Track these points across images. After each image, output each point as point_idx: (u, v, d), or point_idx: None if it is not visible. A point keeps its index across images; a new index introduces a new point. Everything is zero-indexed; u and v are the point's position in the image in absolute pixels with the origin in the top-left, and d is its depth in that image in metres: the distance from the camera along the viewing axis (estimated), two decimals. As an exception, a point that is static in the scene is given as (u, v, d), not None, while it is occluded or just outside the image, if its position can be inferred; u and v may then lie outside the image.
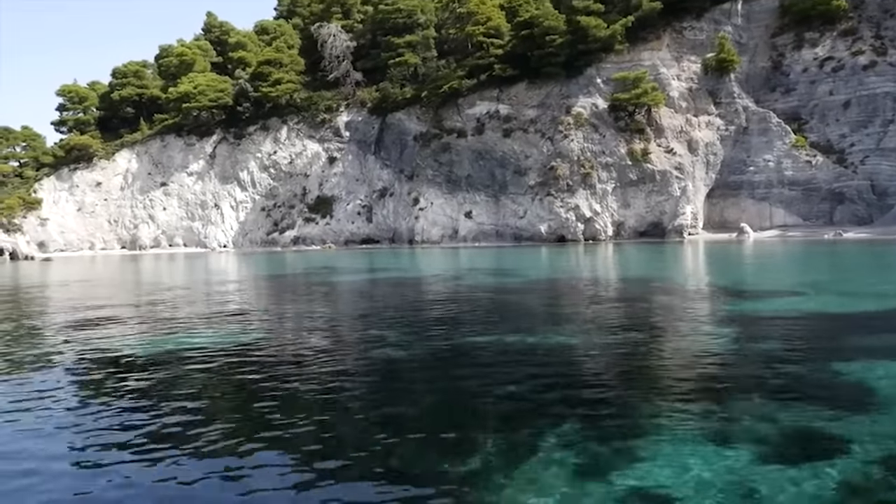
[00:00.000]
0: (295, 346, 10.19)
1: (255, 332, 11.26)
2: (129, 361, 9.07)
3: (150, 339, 10.96)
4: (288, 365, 8.59)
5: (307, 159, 63.39)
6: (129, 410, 6.45)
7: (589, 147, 52.05)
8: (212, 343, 10.27)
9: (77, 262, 48.05)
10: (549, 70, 53.83)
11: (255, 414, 6.33)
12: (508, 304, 15.16)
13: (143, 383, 7.71)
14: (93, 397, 7.16)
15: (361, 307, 15.80)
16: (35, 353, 9.88)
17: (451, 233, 56.49)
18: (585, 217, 51.10)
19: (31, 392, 7.36)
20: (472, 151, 56.72)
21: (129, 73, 68.27)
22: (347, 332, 11.64)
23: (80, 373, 8.57)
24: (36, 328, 12.85)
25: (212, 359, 8.98)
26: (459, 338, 10.01)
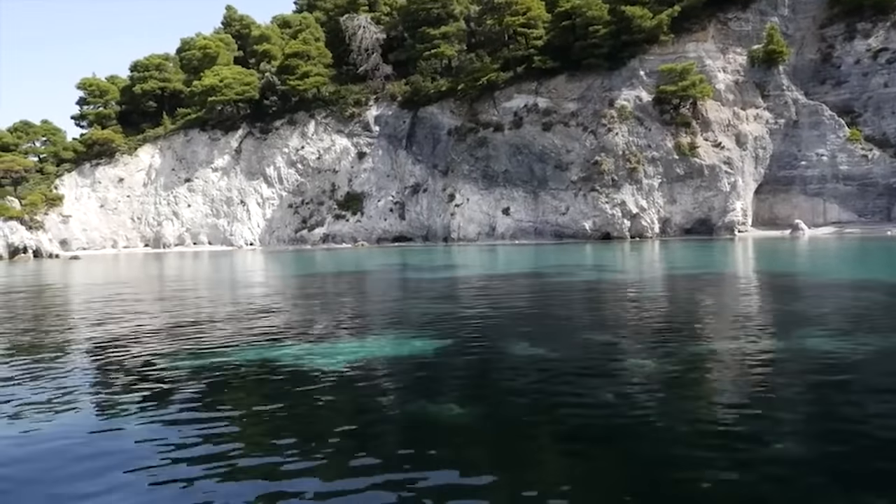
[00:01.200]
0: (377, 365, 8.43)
1: (335, 349, 9.51)
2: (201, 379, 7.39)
3: (230, 350, 9.25)
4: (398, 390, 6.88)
5: (336, 154, 61.63)
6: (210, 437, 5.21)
7: (634, 141, 50.34)
8: (298, 358, 8.55)
9: (104, 261, 46.28)
10: (591, 62, 52.12)
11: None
12: (623, 313, 13.43)
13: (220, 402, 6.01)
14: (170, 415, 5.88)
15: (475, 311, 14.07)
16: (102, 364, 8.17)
17: (488, 230, 54.78)
18: (632, 213, 49.39)
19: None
20: (509, 146, 55.01)
21: (150, 67, 66.46)
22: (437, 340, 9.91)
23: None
24: (97, 338, 11.12)
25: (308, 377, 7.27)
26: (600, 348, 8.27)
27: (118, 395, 6.80)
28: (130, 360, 8.53)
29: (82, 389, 7.07)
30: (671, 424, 5.21)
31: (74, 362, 8.68)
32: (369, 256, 39.12)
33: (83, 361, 8.79)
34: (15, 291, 22.06)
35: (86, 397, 6.74)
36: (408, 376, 7.43)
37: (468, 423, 5.53)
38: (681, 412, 5.59)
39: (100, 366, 8.46)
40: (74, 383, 7.33)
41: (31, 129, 63.17)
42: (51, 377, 7.63)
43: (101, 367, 8.38)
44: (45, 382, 7.34)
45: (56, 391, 6.90)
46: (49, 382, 7.34)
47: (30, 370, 8.02)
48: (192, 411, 6.11)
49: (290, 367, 7.78)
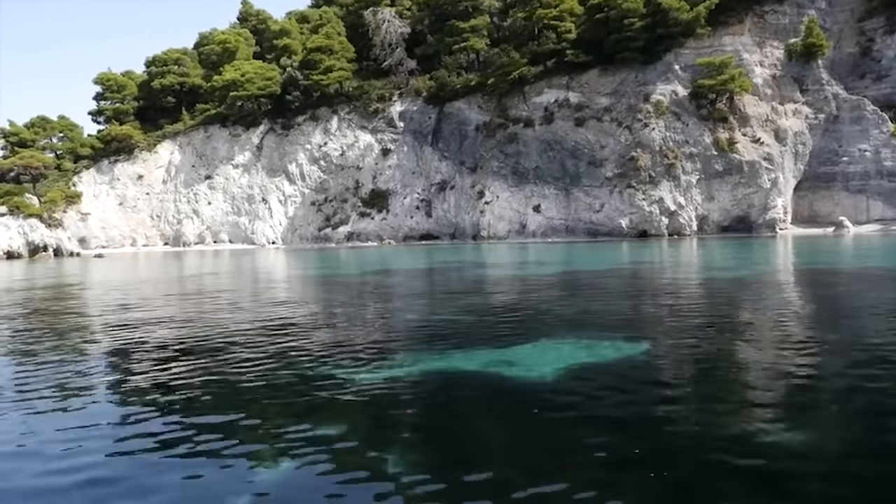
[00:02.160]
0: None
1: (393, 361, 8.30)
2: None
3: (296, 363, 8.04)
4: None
5: (359, 151, 60.36)
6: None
7: (671, 136, 49.17)
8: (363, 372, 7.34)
9: (129, 260, 45.00)
10: (625, 56, 50.90)
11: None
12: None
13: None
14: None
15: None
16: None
17: (519, 228, 53.59)
18: (670, 210, 48.22)
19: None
20: (540, 142, 53.79)
21: (168, 61, 65.08)
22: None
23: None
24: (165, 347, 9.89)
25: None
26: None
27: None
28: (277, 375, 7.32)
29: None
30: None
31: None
32: (410, 254, 37.84)
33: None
34: (64, 296, 20.82)
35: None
36: (633, 380, 6.21)
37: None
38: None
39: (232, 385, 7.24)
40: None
41: (49, 125, 61.78)
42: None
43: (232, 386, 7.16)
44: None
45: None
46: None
47: (147, 405, 6.41)
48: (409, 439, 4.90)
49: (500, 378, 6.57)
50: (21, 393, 6.66)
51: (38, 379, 7.23)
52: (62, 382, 7.08)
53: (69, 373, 7.57)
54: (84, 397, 6.51)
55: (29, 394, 6.60)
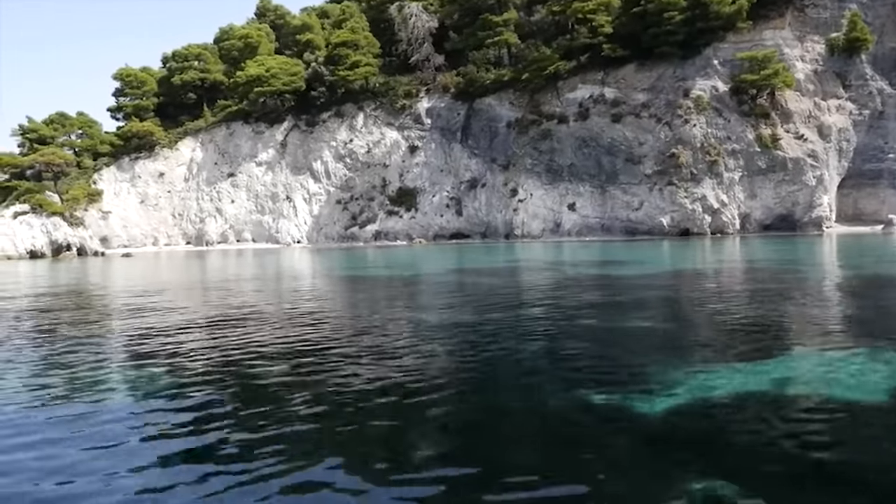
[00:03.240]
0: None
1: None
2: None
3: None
4: None
5: (386, 148, 59.10)
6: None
7: (713, 132, 47.99)
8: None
9: (157, 260, 43.69)
10: (664, 50, 49.69)
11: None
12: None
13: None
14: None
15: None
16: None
17: (553, 226, 52.39)
18: (713, 208, 47.03)
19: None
20: (574, 138, 52.59)
21: (189, 57, 63.71)
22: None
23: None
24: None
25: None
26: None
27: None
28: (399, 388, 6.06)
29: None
30: None
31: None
32: (462, 254, 36.51)
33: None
34: (121, 306, 19.51)
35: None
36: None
37: None
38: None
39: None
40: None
41: (68, 122, 60.35)
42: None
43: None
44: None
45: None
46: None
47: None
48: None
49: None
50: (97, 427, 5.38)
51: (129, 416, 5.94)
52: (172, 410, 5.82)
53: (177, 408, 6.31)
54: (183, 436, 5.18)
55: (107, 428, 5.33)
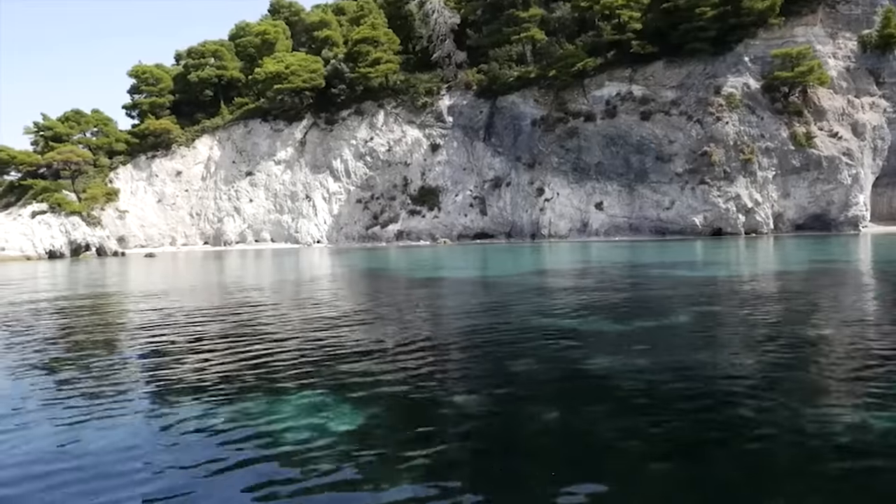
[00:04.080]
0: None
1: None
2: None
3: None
4: None
5: (407, 146, 58.16)
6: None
7: (746, 130, 47.15)
8: None
9: (181, 260, 42.67)
10: (695, 46, 48.84)
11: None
12: None
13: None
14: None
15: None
16: None
17: (580, 226, 51.53)
18: (746, 207, 46.20)
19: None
20: (602, 136, 51.72)
21: (206, 53, 62.63)
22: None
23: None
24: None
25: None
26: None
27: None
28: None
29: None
30: None
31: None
32: (499, 254, 35.57)
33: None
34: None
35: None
36: None
37: None
38: None
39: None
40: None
41: (83, 119, 59.20)
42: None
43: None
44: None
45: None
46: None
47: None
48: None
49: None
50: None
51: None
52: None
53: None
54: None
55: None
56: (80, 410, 5.87)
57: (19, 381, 7.18)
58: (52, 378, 7.33)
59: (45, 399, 6.38)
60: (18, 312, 13.97)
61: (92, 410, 5.86)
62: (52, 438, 5.17)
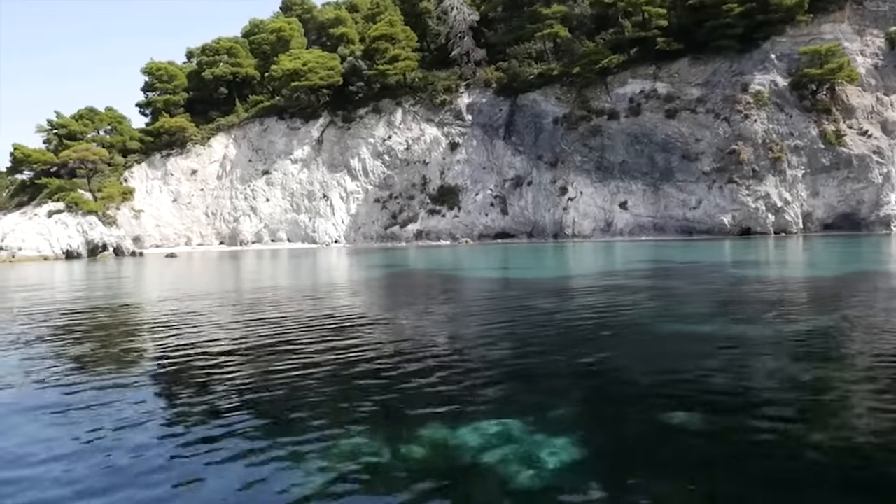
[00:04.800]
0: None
1: None
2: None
3: None
4: None
5: (426, 145, 57.41)
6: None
7: (774, 128, 46.50)
8: None
9: (203, 261, 41.88)
10: (721, 43, 48.19)
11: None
12: None
13: None
14: None
15: None
16: None
17: (604, 225, 50.84)
18: (776, 207, 45.54)
19: None
20: (626, 135, 51.04)
21: (220, 50, 61.76)
22: None
23: None
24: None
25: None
26: None
27: None
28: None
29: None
30: None
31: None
32: (534, 254, 34.84)
33: None
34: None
35: None
36: None
37: None
38: None
39: None
40: None
41: (97, 117, 58.30)
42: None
43: None
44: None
45: None
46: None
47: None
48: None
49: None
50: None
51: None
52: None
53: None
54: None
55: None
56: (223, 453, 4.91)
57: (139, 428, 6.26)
58: (182, 426, 6.44)
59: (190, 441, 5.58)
60: (76, 322, 13.19)
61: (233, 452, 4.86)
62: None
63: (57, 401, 6.29)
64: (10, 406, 6.23)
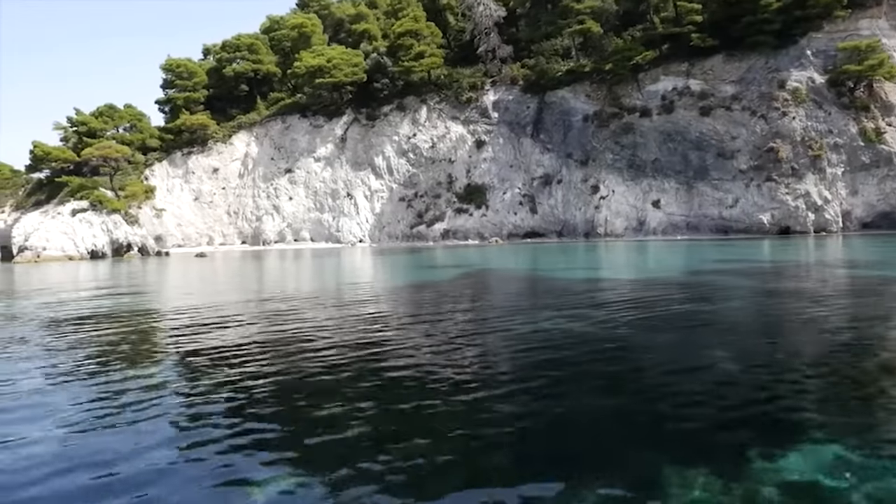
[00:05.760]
0: None
1: None
2: None
3: None
4: None
5: (451, 143, 56.53)
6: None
7: (813, 126, 45.76)
8: None
9: (238, 261, 40.90)
10: (757, 39, 47.42)
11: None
12: None
13: None
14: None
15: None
16: None
17: (636, 225, 50.04)
18: (816, 205, 44.78)
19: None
20: (659, 132, 50.26)
21: (241, 47, 60.72)
22: None
23: None
24: None
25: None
26: None
27: None
28: None
29: None
30: None
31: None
32: (594, 253, 33.93)
33: None
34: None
35: None
36: None
37: None
38: None
39: None
40: None
41: (117, 114, 57.20)
42: None
43: None
44: None
45: None
46: None
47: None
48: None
49: None
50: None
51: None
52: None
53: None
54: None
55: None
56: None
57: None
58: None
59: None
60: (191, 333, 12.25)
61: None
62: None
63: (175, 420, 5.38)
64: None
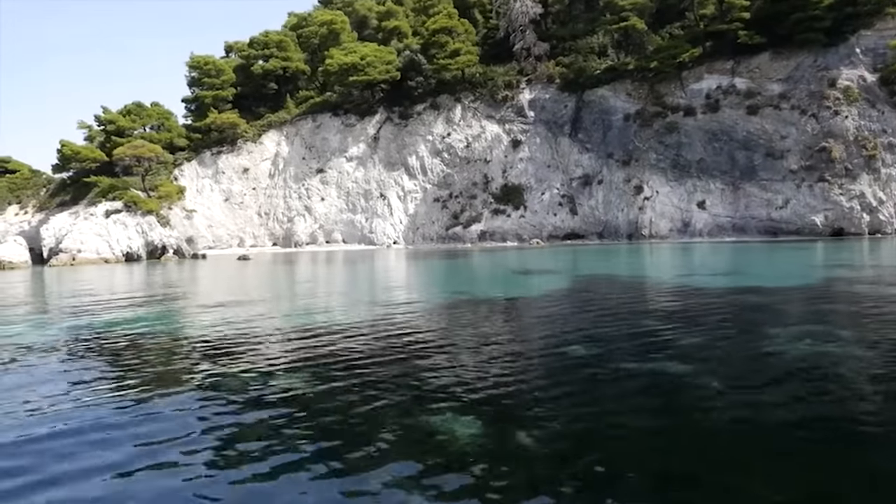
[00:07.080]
0: None
1: None
2: None
3: None
4: None
5: (486, 142, 55.39)
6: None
7: (866, 125, 44.86)
8: None
9: (289, 264, 39.61)
10: (807, 37, 46.44)
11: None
12: None
13: None
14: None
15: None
16: None
17: (681, 226, 49.03)
18: (871, 206, 43.84)
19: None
20: (704, 132, 49.26)
21: (269, 44, 59.39)
22: None
23: None
24: None
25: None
26: None
27: None
28: None
29: None
30: None
31: None
32: (673, 256, 32.75)
33: None
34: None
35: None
36: None
37: None
38: None
39: None
40: None
41: (144, 112, 55.83)
42: None
43: None
44: None
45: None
46: None
47: None
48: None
49: None
50: None
51: None
52: None
53: None
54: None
55: None
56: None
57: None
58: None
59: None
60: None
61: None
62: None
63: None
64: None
